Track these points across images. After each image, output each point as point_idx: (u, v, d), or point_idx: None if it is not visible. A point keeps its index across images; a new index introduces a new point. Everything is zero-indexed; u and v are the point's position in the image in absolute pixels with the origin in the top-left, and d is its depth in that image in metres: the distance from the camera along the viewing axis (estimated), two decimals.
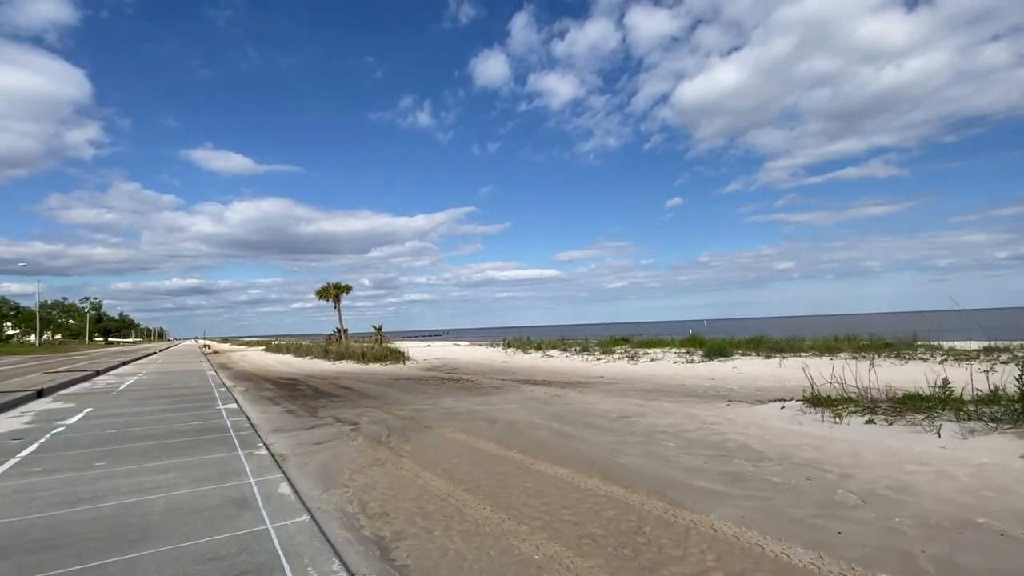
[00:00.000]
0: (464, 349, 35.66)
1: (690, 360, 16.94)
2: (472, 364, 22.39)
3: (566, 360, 21.11)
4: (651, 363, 17.52)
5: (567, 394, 11.78)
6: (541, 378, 15.71)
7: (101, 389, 15.12)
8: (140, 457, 6.39)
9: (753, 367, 14.52)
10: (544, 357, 22.88)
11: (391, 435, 7.83)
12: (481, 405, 10.59)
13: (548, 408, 9.87)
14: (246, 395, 14.08)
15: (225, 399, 12.24)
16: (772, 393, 10.62)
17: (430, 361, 24.80)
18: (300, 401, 12.50)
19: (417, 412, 10.00)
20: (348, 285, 46.36)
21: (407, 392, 13.42)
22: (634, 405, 9.76)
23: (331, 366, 24.48)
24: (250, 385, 17.11)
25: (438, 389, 13.86)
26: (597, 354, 21.41)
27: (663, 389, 12.15)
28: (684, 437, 6.91)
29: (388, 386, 15.15)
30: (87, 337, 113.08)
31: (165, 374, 20.81)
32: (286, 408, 11.36)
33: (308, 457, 6.62)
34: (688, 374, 14.59)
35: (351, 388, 14.97)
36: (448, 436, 7.60)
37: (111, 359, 33.35)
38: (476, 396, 12.05)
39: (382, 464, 6.16)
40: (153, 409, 10.64)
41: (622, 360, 18.87)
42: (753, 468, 5.39)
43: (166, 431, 8.11)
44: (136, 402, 11.87)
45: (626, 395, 11.38)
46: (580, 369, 17.77)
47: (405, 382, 16.11)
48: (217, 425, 8.59)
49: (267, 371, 23.67)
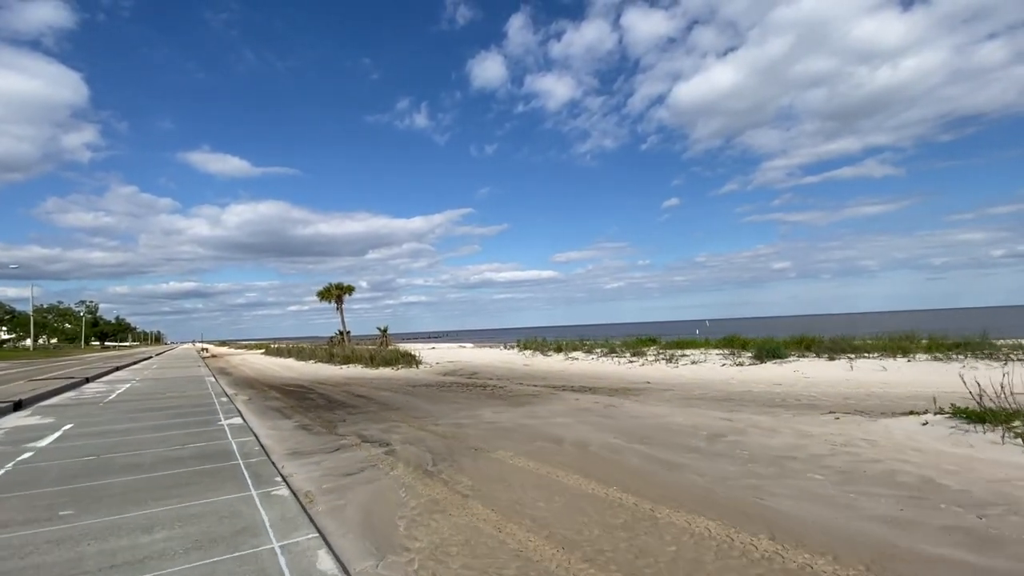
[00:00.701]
0: (474, 351, 34.08)
1: (738, 363, 15.41)
2: (491, 367, 20.81)
3: (594, 363, 19.54)
4: (694, 366, 15.97)
5: (622, 404, 10.23)
6: (578, 384, 14.14)
7: (88, 399, 13.51)
8: (120, 502, 4.81)
9: (818, 371, 12.98)
10: (568, 360, 21.31)
11: (438, 461, 6.27)
12: (528, 418, 9.04)
13: (612, 423, 8.32)
14: (250, 405, 12.50)
15: (227, 411, 10.67)
16: (870, 403, 9.09)
17: (443, 364, 23.21)
18: (313, 413, 10.92)
19: (456, 427, 8.44)
20: (350, 286, 44.87)
21: (434, 401, 11.85)
22: (718, 419, 8.20)
23: (338, 371, 22.88)
24: (254, 393, 15.52)
25: (467, 397, 12.29)
26: (627, 356, 19.85)
27: (733, 397, 10.60)
28: (827, 465, 5.37)
29: (408, 394, 13.58)
30: (83, 341, 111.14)
31: (160, 381, 19.20)
32: (299, 422, 9.78)
33: (341, 496, 5.06)
34: (745, 379, 13.04)
35: (368, 397, 13.39)
36: (512, 463, 6.04)
37: (104, 364, 31.70)
38: (516, 407, 10.49)
39: (443, 509, 4.60)
40: (144, 426, 9.05)
41: (659, 363, 17.31)
42: (982, 520, 3.84)
43: (157, 458, 6.53)
44: (125, 416, 10.28)
45: (693, 405, 9.83)
46: (616, 373, 16.20)
47: (426, 389, 14.54)
48: (220, 448, 7.01)
49: (270, 377, 22.06)
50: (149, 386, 17.10)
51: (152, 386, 17.06)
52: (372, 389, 15.17)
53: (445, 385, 15.34)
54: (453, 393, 13.30)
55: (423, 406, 11.14)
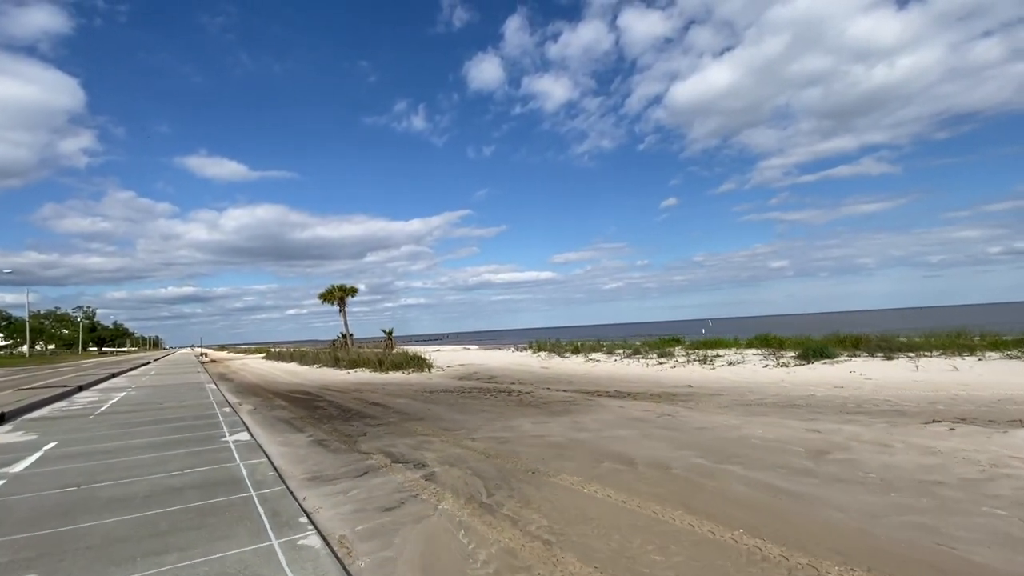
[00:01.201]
0: (482, 353, 32.95)
1: (781, 363, 14.32)
2: (507, 371, 19.70)
3: (618, 365, 18.44)
4: (732, 368, 14.88)
5: (678, 412, 9.12)
6: (611, 388, 13.04)
7: (78, 411, 12.37)
8: (98, 558, 3.69)
9: (878, 371, 11.89)
10: (588, 362, 20.19)
11: (493, 489, 5.16)
12: (576, 430, 7.93)
13: (679, 436, 7.21)
14: (256, 416, 11.37)
15: (232, 423, 9.55)
16: (966, 408, 8.00)
17: (455, 368, 22.10)
18: (327, 424, 9.80)
19: (498, 443, 7.33)
20: (353, 287, 43.74)
21: (460, 410, 10.73)
22: (804, 431, 7.10)
23: (346, 376, 21.75)
24: (258, 402, 14.39)
25: (496, 405, 11.18)
26: (653, 357, 18.75)
27: (796, 403, 9.51)
28: (996, 495, 4.27)
29: (428, 401, 12.46)
30: (80, 347, 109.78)
31: (158, 388, 18.06)
32: (313, 436, 8.66)
33: (386, 544, 3.94)
34: (798, 381, 11.95)
35: (384, 405, 12.27)
36: (587, 493, 4.93)
37: (100, 370, 30.52)
38: (556, 416, 9.38)
39: (527, 566, 3.49)
40: (138, 444, 7.92)
41: (692, 364, 16.21)
42: None
43: (151, 488, 5.41)
44: (118, 431, 9.15)
45: (758, 413, 8.73)
46: (648, 376, 15.10)
47: (445, 395, 13.42)
48: (227, 474, 5.89)
49: (274, 383, 20.92)
50: (146, 395, 15.97)
51: (149, 395, 15.93)
52: (386, 396, 14.05)
53: (465, 391, 14.22)
54: (478, 400, 12.18)
55: (450, 416, 10.03)
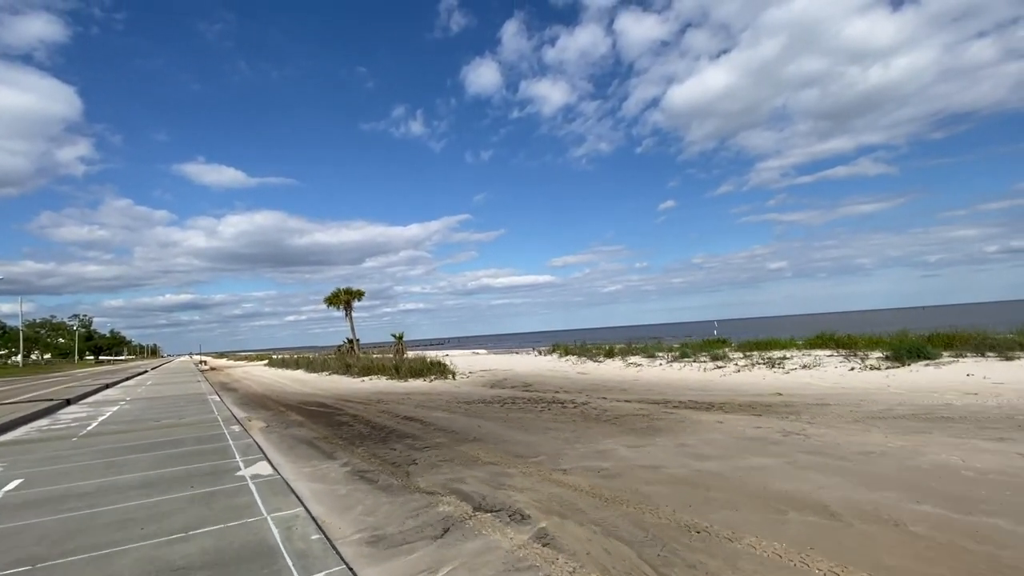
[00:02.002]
0: (501, 358, 31.15)
1: (869, 365, 12.58)
2: (540, 377, 17.93)
3: (668, 370, 16.67)
4: (807, 371, 13.15)
5: (803, 429, 7.36)
6: (686, 398, 11.28)
7: (60, 431, 10.57)
8: None
9: (1006, 374, 10.16)
10: (630, 366, 18.42)
11: (660, 565, 3.40)
12: (693, 457, 6.18)
13: (848, 466, 5.45)
14: (271, 436, 9.59)
15: (244, 448, 7.77)
16: None
17: (480, 374, 20.30)
18: (361, 447, 8.02)
19: (600, 476, 5.57)
20: (360, 290, 41.86)
21: (517, 427, 8.96)
22: (1010, 454, 5.35)
23: (360, 384, 19.93)
24: (270, 417, 12.59)
25: (557, 420, 9.41)
26: (705, 361, 16.99)
27: (938, 413, 7.75)
28: None
29: (471, 414, 10.68)
30: (76, 356, 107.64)
31: (155, 400, 16.25)
32: (349, 464, 6.89)
33: None
34: (909, 386, 10.20)
35: (420, 420, 10.48)
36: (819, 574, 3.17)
37: (94, 380, 28.66)
38: (646, 435, 7.62)
39: None
40: (127, 481, 6.14)
41: (758, 368, 14.46)
42: None
43: (141, 571, 3.63)
44: (102, 461, 7.36)
45: (909, 430, 6.98)
46: (714, 383, 13.34)
47: (486, 407, 11.64)
48: (252, 535, 4.11)
49: (283, 393, 19.11)
50: (141, 409, 14.17)
51: (144, 409, 14.12)
52: (418, 408, 12.26)
53: (506, 401, 12.44)
54: (531, 414, 10.41)
55: (511, 435, 8.25)
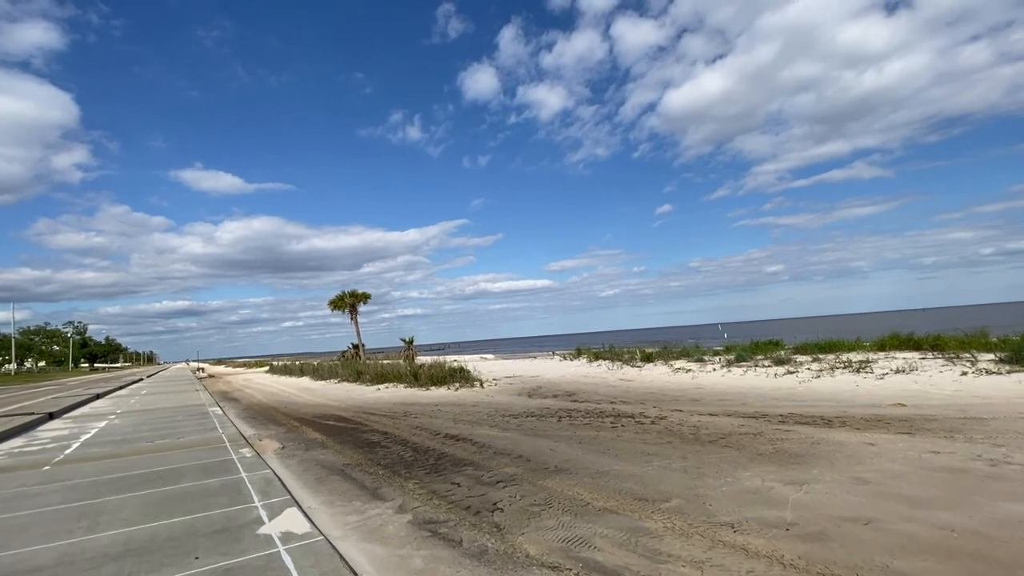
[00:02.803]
0: (521, 364, 29.33)
1: (985, 370, 10.85)
2: (579, 384, 16.14)
3: (725, 376, 14.89)
4: (903, 376, 11.40)
5: (1009, 457, 5.59)
6: (784, 411, 9.51)
7: (32, 455, 8.73)
8: None
9: None
10: (678, 372, 16.63)
11: None
12: (916, 506, 4.40)
13: None
14: (291, 462, 7.77)
15: (261, 482, 5.97)
16: None
17: (509, 382, 18.48)
18: (411, 479, 6.22)
19: (801, 538, 3.79)
20: (366, 293, 40.18)
21: (598, 450, 7.16)
22: None
23: (377, 393, 18.10)
24: (283, 434, 10.77)
25: (646, 440, 7.61)
26: (767, 365, 15.23)
27: None
28: None
29: (527, 431, 8.88)
30: (71, 364, 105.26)
31: (149, 414, 14.41)
32: (408, 511, 5.09)
33: None
34: None
35: (467, 439, 8.68)
36: None
37: (85, 390, 26.75)
38: (788, 465, 5.85)
39: None
40: (100, 545, 4.34)
41: (841, 373, 12.69)
42: None
43: None
44: (74, 504, 5.55)
45: None
46: (800, 392, 11.55)
47: (540, 422, 9.85)
48: None
49: (292, 404, 17.26)
50: (133, 424, 12.33)
51: (136, 425, 12.29)
52: (456, 423, 10.45)
53: (560, 414, 10.64)
54: (604, 431, 8.61)
55: (600, 462, 6.46)
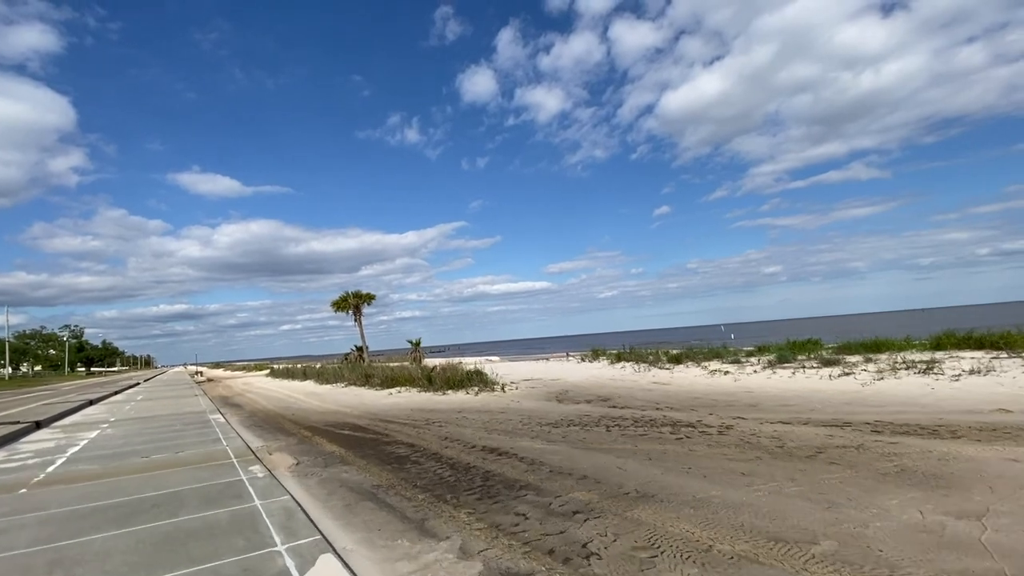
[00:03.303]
0: (535, 366, 28.16)
1: None
2: (608, 388, 15.00)
3: (771, 378, 13.77)
4: (985, 378, 10.29)
5: None
6: (869, 417, 8.38)
7: (8, 474, 7.54)
8: None
9: None
10: (714, 374, 15.50)
11: None
12: None
13: None
14: (308, 481, 6.61)
15: (280, 513, 4.81)
16: None
17: (530, 385, 17.33)
18: (461, 507, 5.07)
19: None
20: (370, 294, 39.02)
21: (676, 468, 6.02)
22: None
23: (390, 398, 16.92)
24: (293, 445, 9.60)
25: (727, 456, 6.47)
26: (815, 366, 14.11)
27: None
28: None
29: (580, 444, 7.73)
30: (67, 368, 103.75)
31: (145, 423, 13.21)
32: (475, 557, 3.94)
33: None
34: None
35: (511, 453, 7.52)
36: None
37: (79, 395, 25.52)
38: (928, 488, 4.71)
39: None
40: None
41: (904, 374, 11.58)
42: None
43: None
44: (46, 548, 4.38)
45: None
46: (866, 395, 10.44)
47: (587, 432, 8.70)
48: None
49: (299, 410, 16.08)
50: (126, 435, 11.15)
51: (130, 435, 11.10)
52: (490, 433, 9.29)
53: (608, 423, 9.49)
54: (668, 444, 7.46)
55: (688, 485, 5.32)
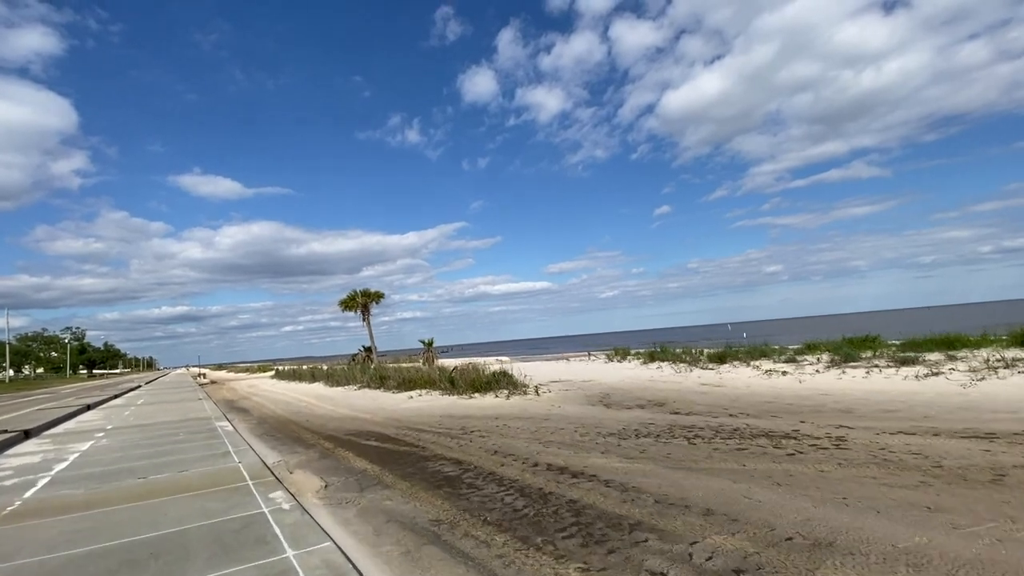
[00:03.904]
0: (556, 367, 26.80)
1: None
2: (652, 391, 13.67)
3: (841, 379, 12.41)
4: None
5: None
6: (1007, 429, 7.04)
7: None
8: None
9: None
10: (770, 374, 14.16)
11: None
12: None
13: None
14: (346, 511, 5.28)
15: (323, 571, 3.49)
16: None
17: (561, 388, 15.99)
18: (568, 556, 3.75)
19: None
20: (379, 292, 37.77)
21: (818, 495, 4.68)
22: None
23: (410, 402, 15.59)
24: (315, 460, 8.28)
25: (878, 480, 5.12)
26: (883, 365, 12.76)
27: None
28: None
29: (668, 462, 6.39)
30: (68, 370, 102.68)
31: (144, 431, 11.90)
32: None
33: None
34: None
35: (588, 474, 6.19)
36: None
37: (77, 399, 24.26)
38: None
39: None
40: None
41: (1012, 376, 10.24)
42: None
43: None
44: None
45: None
46: (977, 400, 9.10)
47: (667, 446, 7.36)
48: None
49: (313, 416, 14.77)
50: (123, 446, 9.84)
51: (128, 446, 9.79)
52: (542, 444, 7.95)
53: (675, 431, 8.14)
54: (781, 461, 6.11)
55: (867, 525, 3.97)
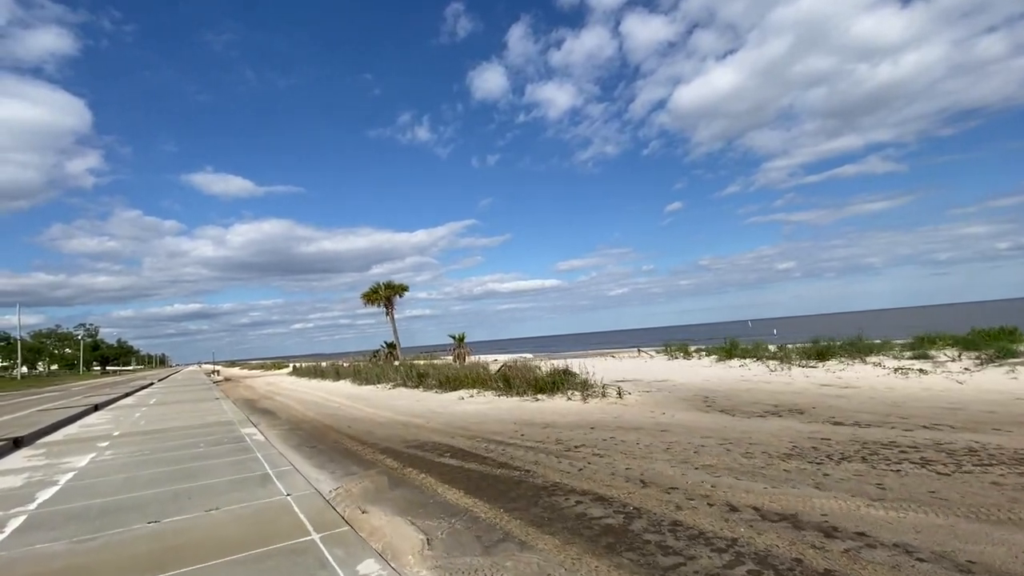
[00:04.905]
0: (603, 363, 24.51)
1: None
2: (760, 392, 11.45)
3: (945, 380, 10.08)
4: None
5: None
6: None
7: None
8: None
9: None
10: (899, 374, 11.83)
11: None
12: None
13: None
14: None
15: None
16: None
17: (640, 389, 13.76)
18: None
19: None
20: (403, 285, 35.71)
21: None
22: None
23: (462, 404, 13.45)
24: (384, 487, 6.15)
25: None
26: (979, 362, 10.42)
27: None
28: None
29: (930, 507, 4.20)
30: (82, 367, 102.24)
31: (156, 439, 9.86)
32: None
33: None
34: None
35: (830, 526, 3.99)
36: None
37: (85, 398, 22.50)
38: None
39: None
40: None
41: None
42: None
43: None
44: None
45: None
46: None
47: (891, 477, 5.15)
48: None
49: (350, 419, 12.69)
50: (130, 463, 7.80)
51: (137, 463, 7.74)
52: (695, 468, 5.74)
53: (877, 451, 5.90)
54: None
55: None
